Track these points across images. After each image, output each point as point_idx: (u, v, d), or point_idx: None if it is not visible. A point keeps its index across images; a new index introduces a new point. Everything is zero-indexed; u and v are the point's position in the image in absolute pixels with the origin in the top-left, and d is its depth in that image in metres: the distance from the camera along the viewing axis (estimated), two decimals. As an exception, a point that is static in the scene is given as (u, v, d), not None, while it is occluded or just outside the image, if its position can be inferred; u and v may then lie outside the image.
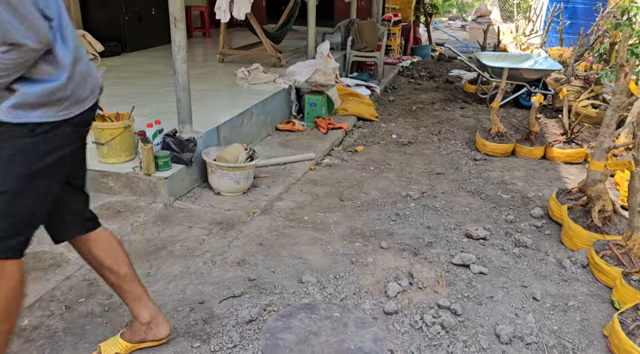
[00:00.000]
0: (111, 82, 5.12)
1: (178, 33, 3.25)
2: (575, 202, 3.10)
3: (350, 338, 1.48)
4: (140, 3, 6.93)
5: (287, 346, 1.43)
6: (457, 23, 17.66)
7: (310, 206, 3.43)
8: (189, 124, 3.52)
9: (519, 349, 2.14)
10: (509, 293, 2.51)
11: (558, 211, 3.24)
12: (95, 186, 3.35)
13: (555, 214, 3.28)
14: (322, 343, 1.45)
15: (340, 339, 1.48)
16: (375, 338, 1.49)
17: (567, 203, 3.18)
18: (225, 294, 2.38)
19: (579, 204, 3.06)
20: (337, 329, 1.51)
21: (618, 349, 2.06)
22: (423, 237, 3.03)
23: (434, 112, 6.01)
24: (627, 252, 2.56)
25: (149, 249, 2.76)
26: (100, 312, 2.23)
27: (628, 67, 2.67)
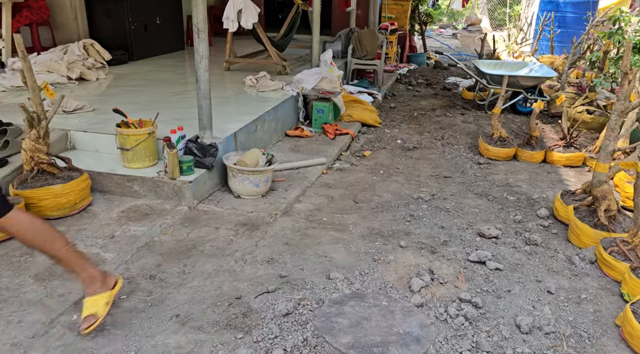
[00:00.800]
0: (123, 90, 5.24)
1: (201, 43, 3.39)
2: (581, 203, 3.28)
3: (398, 324, 1.62)
4: (145, 12, 7.06)
5: (342, 329, 1.57)
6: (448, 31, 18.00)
7: (327, 207, 3.57)
8: (209, 130, 3.65)
9: (538, 338, 2.29)
10: (525, 287, 2.67)
11: (563, 211, 3.42)
12: (120, 190, 3.47)
13: (561, 214, 3.46)
14: (374, 327, 1.59)
15: (390, 324, 1.61)
16: (421, 324, 1.63)
17: (572, 204, 3.36)
18: (259, 290, 2.51)
19: (584, 204, 3.24)
20: (386, 316, 1.65)
21: (631, 336, 2.22)
22: (438, 237, 3.18)
23: (435, 118, 6.20)
24: (634, 248, 2.73)
25: (180, 249, 2.88)
26: (143, 307, 2.34)
27: (631, 75, 2.86)
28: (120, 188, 3.47)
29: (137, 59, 6.88)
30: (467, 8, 19.69)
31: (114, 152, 3.62)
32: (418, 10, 10.93)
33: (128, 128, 3.49)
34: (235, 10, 5.66)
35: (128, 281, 2.55)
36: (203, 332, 2.20)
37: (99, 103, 4.59)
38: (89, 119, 4.14)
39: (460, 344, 2.21)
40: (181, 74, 6.21)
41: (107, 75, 5.89)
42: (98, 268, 2.28)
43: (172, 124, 3.73)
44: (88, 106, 4.35)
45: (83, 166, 3.41)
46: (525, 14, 14.27)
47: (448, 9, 20.46)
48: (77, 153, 3.77)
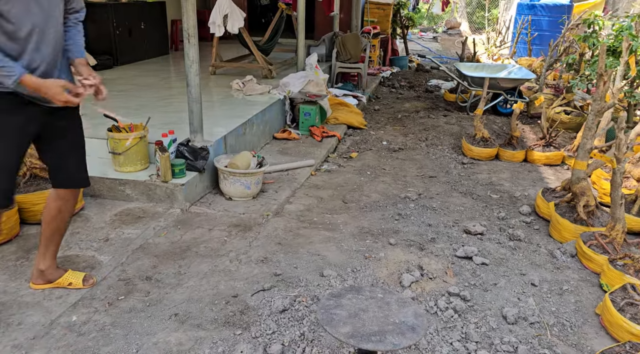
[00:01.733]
0: (110, 95, 5.21)
1: (191, 48, 3.44)
2: (561, 199, 3.42)
3: (394, 314, 1.71)
4: (130, 17, 7.06)
5: (341, 320, 1.65)
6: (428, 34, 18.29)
7: (317, 208, 3.65)
8: (200, 134, 3.70)
9: (524, 328, 2.41)
10: (510, 280, 2.79)
11: (545, 207, 3.56)
12: (112, 194, 3.49)
13: (542, 210, 3.60)
14: (371, 317, 1.67)
15: (386, 314, 1.70)
16: (415, 314, 1.72)
17: (553, 200, 3.50)
18: (255, 288, 2.57)
19: (564, 200, 3.38)
20: (382, 307, 1.73)
21: (610, 324, 2.35)
22: (426, 234, 3.29)
23: (419, 120, 6.34)
24: (611, 241, 2.87)
25: (175, 250, 2.92)
26: (142, 307, 2.39)
27: (606, 76, 3.01)
28: (112, 192, 3.50)
29: (121, 64, 6.87)
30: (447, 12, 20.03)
31: (105, 156, 3.64)
32: (399, 14, 11.11)
33: (119, 132, 3.52)
34: (221, 15, 5.71)
35: (125, 282, 2.59)
36: (202, 329, 2.26)
37: (86, 108, 4.58)
38: (78, 123, 4.15)
39: (450, 336, 2.31)
40: (166, 79, 6.23)
41: (92, 80, 5.87)
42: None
43: (161, 128, 3.77)
44: (76, 110, 4.35)
45: (74, 171, 3.42)
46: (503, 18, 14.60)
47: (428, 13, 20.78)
48: (67, 158, 3.78)
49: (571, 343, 2.31)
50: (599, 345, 2.27)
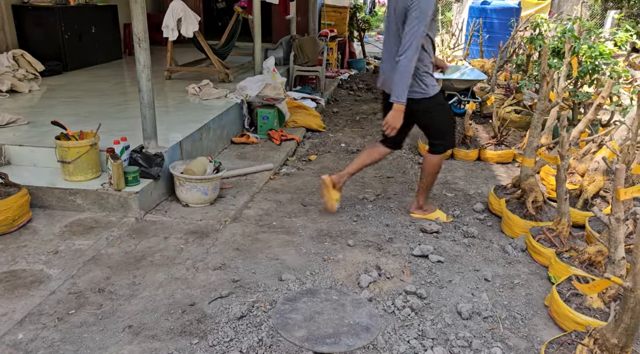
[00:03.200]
0: (59, 101, 5.08)
1: (142, 53, 3.37)
2: (511, 196, 3.54)
3: (349, 315, 1.72)
4: (80, 21, 6.85)
5: (296, 324, 1.65)
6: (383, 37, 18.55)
7: (276, 212, 3.64)
8: (154, 140, 3.62)
9: (478, 323, 2.48)
10: (464, 277, 2.86)
11: (497, 204, 3.68)
12: (62, 204, 3.38)
13: (495, 207, 3.72)
14: (326, 320, 1.68)
15: (341, 316, 1.71)
16: (370, 315, 1.74)
17: (504, 197, 3.62)
18: (213, 295, 2.54)
19: (514, 197, 3.51)
20: (337, 309, 1.75)
21: (557, 314, 2.45)
22: (384, 234, 3.34)
23: (377, 122, 6.42)
24: (558, 235, 3.00)
25: (129, 260, 2.85)
26: (94, 321, 2.32)
27: (549, 77, 3.14)
28: (62, 202, 3.38)
29: (72, 69, 6.66)
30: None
31: (53, 165, 3.52)
32: (356, 17, 11.24)
33: (68, 140, 3.41)
34: (174, 18, 5.62)
35: (76, 295, 2.51)
36: (157, 340, 2.21)
37: (33, 116, 4.43)
38: (24, 132, 3.99)
39: (407, 334, 2.35)
40: (120, 84, 6.07)
41: (40, 87, 5.67)
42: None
43: (114, 135, 3.68)
44: (22, 118, 4.19)
45: (21, 181, 3.29)
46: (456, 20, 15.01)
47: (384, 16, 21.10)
48: (13, 168, 3.63)
49: (522, 334, 2.40)
50: (547, 335, 2.37)
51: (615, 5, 18.29)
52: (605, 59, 5.00)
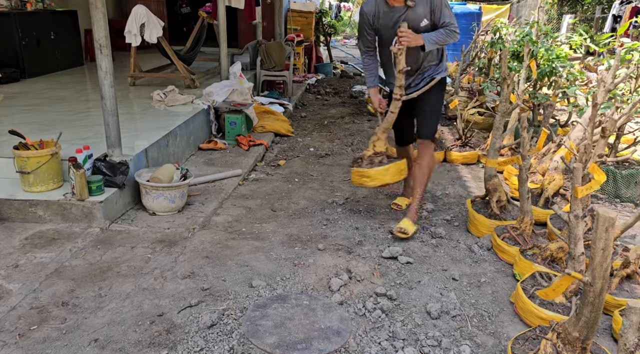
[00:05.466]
0: (18, 110, 4.91)
1: (104, 59, 3.30)
2: (476, 196, 3.63)
3: (320, 320, 1.73)
4: (38, 27, 6.66)
5: (267, 331, 1.64)
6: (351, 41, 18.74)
7: (245, 218, 3.62)
8: (118, 148, 3.55)
9: (447, 322, 2.52)
10: (433, 277, 2.91)
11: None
12: (22, 216, 3.26)
13: (461, 207, 3.79)
14: (297, 325, 1.68)
15: (312, 321, 1.72)
16: (340, 318, 1.75)
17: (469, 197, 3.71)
18: (182, 304, 2.50)
19: (479, 197, 3.59)
20: (308, 314, 1.75)
21: (523, 310, 2.52)
22: (354, 237, 3.36)
23: (345, 126, 6.47)
24: (521, 233, 3.09)
25: (94, 272, 2.78)
26: (57, 336, 2.25)
27: (509, 80, 3.24)
28: (21, 214, 3.26)
29: (30, 77, 6.46)
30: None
31: (12, 176, 3.40)
32: (322, 22, 11.30)
33: (27, 150, 3.30)
34: (137, 24, 5.53)
35: (38, 310, 2.42)
36: (125, 353, 2.16)
37: (-10, 125, 4.27)
38: (-20, 142, 3.84)
39: (378, 335, 2.37)
40: (82, 91, 5.92)
41: (-4, 95, 5.47)
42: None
43: (77, 144, 3.58)
44: (-22, 128, 4.03)
45: (-23, 193, 3.16)
46: (420, 25, 15.24)
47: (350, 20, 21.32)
48: (-31, 180, 3.49)
49: (489, 331, 2.45)
50: (514, 331, 2.43)
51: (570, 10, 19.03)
52: (561, 62, 5.18)
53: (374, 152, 3.36)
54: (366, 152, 3.39)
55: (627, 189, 4.22)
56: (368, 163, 3.34)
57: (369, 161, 3.34)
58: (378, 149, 3.36)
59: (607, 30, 11.69)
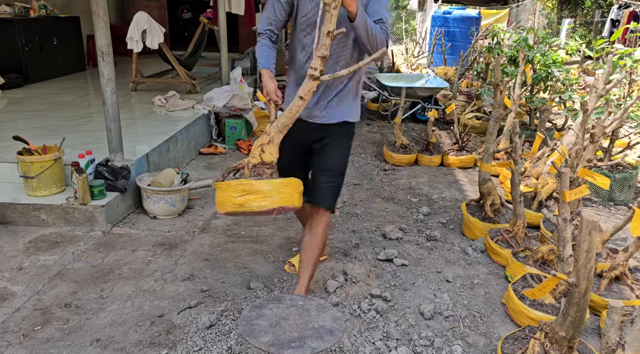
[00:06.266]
0: (21, 115, 5.00)
1: (106, 66, 3.38)
2: (471, 199, 3.69)
3: (314, 319, 1.79)
4: (41, 33, 6.75)
5: (262, 330, 1.71)
6: (352, 46, 18.82)
7: (245, 221, 3.68)
8: (120, 153, 3.62)
9: (439, 322, 2.58)
10: (427, 279, 2.97)
11: (458, 208, 3.82)
12: (26, 220, 3.34)
13: (456, 211, 3.86)
14: (292, 325, 1.75)
15: (306, 320, 1.78)
16: (334, 318, 1.82)
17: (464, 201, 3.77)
18: (182, 306, 2.57)
19: (474, 200, 3.66)
20: (302, 314, 1.81)
21: (514, 311, 2.58)
22: (350, 240, 3.43)
23: (344, 130, 6.54)
24: (514, 236, 3.15)
25: (96, 274, 2.85)
26: (61, 336, 2.31)
27: (502, 86, 3.31)
28: (25, 218, 3.34)
29: (33, 82, 6.55)
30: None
31: (16, 181, 3.47)
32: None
33: (31, 155, 3.37)
34: (139, 30, 5.62)
35: (41, 311, 2.49)
36: (126, 352, 2.22)
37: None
38: (-15, 147, 3.93)
39: (372, 336, 2.44)
40: (84, 97, 6.01)
41: (0, 100, 5.55)
42: None
43: (79, 149, 3.66)
44: (-18, 133, 4.12)
45: (-18, 198, 3.24)
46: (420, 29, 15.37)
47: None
48: (-26, 184, 3.57)
49: (481, 332, 2.52)
50: (505, 331, 2.49)
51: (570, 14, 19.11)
52: (557, 67, 5.26)
53: (262, 162, 2.19)
54: (250, 160, 2.20)
55: (621, 193, 4.28)
56: (254, 175, 2.18)
57: (255, 173, 2.19)
58: (267, 159, 2.18)
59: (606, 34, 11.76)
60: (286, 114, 2.14)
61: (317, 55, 2.01)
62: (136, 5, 9.37)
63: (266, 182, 2.09)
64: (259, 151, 2.21)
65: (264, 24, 2.46)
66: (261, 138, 2.23)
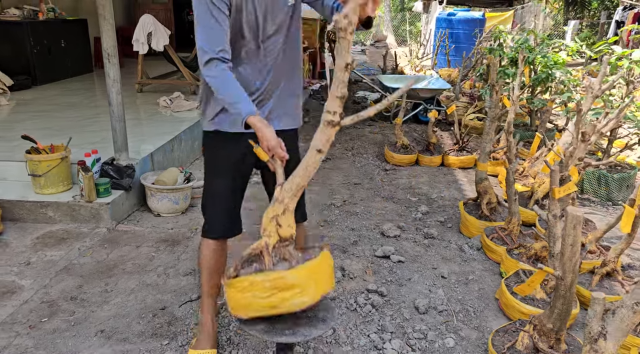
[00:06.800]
0: (30, 116, 5.11)
1: (112, 68, 3.48)
2: (468, 198, 3.75)
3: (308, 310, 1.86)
4: (49, 35, 6.88)
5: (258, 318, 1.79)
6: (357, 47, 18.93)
7: (246, 219, 3.75)
8: (125, 152, 3.72)
9: (433, 317, 2.65)
10: (423, 275, 3.04)
11: (456, 207, 3.88)
12: (34, 217, 3.44)
13: (454, 210, 3.92)
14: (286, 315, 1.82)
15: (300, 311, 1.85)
16: (327, 308, 1.89)
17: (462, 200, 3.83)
18: (183, 299, 2.65)
19: (471, 199, 3.72)
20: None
21: (506, 306, 2.64)
22: (349, 238, 3.50)
23: (346, 130, 6.61)
24: (509, 233, 3.21)
25: (101, 269, 2.94)
26: (67, 327, 2.40)
27: (497, 86, 3.37)
28: (33, 215, 3.44)
29: (41, 84, 6.68)
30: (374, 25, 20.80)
31: (24, 179, 3.58)
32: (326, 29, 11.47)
33: (39, 154, 3.48)
34: (145, 32, 5.72)
35: (48, 304, 2.59)
36: (129, 343, 2.31)
37: (3, 130, 4.47)
38: (-6, 147, 4.04)
39: (368, 329, 2.51)
40: (91, 98, 6.13)
41: (9, 101, 5.69)
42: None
43: (86, 148, 3.76)
44: (-8, 133, 4.23)
45: (-9, 195, 3.35)
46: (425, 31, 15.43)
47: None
48: (-17, 182, 3.68)
49: (474, 325, 2.58)
50: (497, 325, 2.54)
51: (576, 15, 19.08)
52: (558, 68, 5.30)
53: (280, 239, 1.81)
54: (268, 241, 1.81)
55: (619, 192, 4.32)
56: (277, 261, 1.77)
57: (278, 258, 1.78)
58: (286, 233, 1.81)
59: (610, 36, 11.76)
60: (301, 173, 1.73)
61: (336, 96, 1.53)
62: (142, 8, 9.51)
63: (301, 269, 1.67)
64: (274, 225, 1.81)
65: (210, 44, 1.81)
66: (273, 208, 1.82)
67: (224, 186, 2.21)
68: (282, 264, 1.74)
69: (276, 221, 1.80)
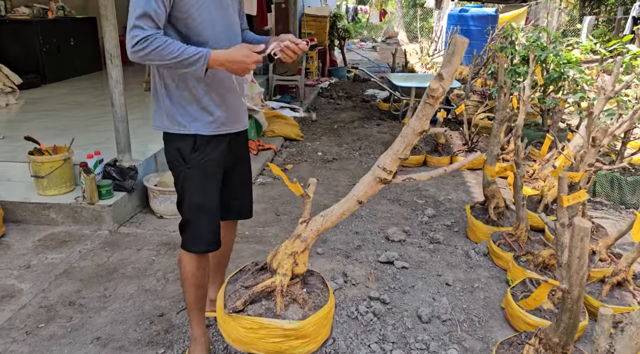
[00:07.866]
0: (37, 115, 5.12)
1: (115, 69, 3.45)
2: (476, 202, 3.67)
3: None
4: (58, 34, 6.90)
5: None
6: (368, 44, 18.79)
7: (249, 222, 3.72)
8: (128, 153, 3.69)
9: (437, 326, 2.58)
10: (427, 282, 2.97)
11: (463, 210, 3.80)
12: (36, 218, 3.43)
13: (462, 213, 3.84)
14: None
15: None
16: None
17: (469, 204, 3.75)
18: (181, 306, 2.61)
19: (478, 203, 3.63)
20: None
21: (512, 316, 2.56)
22: (353, 242, 3.44)
23: (354, 130, 6.54)
24: (517, 240, 3.12)
25: (100, 273, 2.91)
26: (63, 333, 2.38)
27: (506, 88, 3.28)
28: (35, 217, 3.43)
29: (50, 82, 6.70)
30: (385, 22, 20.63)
31: (27, 180, 3.57)
32: (336, 26, 11.39)
33: (42, 155, 3.46)
34: (151, 31, 5.69)
35: (46, 309, 2.57)
36: (125, 351, 2.28)
37: (9, 130, 4.48)
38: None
39: (369, 338, 2.45)
40: (98, 96, 6.13)
41: (17, 100, 5.70)
42: None
43: (90, 149, 3.74)
44: (-2, 133, 4.24)
45: (-6, 197, 3.34)
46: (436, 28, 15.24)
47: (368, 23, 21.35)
48: (-13, 183, 3.68)
49: (478, 336, 2.50)
50: (502, 336, 2.47)
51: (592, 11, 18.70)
52: (572, 67, 5.17)
53: (295, 275, 1.80)
54: (283, 280, 1.77)
55: (633, 196, 4.20)
56: (287, 302, 1.78)
57: (288, 297, 1.79)
58: (300, 271, 1.80)
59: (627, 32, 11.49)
60: (334, 218, 1.77)
61: (399, 157, 1.57)
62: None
63: (313, 319, 1.65)
64: (291, 263, 1.73)
65: (146, 21, 1.71)
66: (292, 243, 1.76)
67: (212, 196, 2.04)
68: (292, 306, 1.70)
69: (294, 258, 1.76)
